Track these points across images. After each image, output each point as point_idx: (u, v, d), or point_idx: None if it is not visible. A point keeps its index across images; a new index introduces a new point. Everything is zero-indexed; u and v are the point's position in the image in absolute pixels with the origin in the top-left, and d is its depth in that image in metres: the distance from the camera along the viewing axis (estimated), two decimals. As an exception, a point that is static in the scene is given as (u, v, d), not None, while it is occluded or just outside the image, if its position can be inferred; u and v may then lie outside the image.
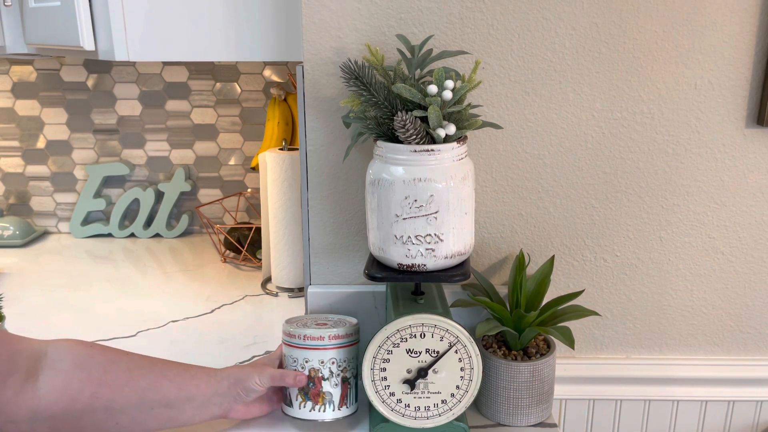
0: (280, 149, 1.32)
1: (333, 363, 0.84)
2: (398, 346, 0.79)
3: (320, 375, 0.84)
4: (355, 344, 0.88)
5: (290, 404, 0.86)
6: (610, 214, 0.96)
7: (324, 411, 0.85)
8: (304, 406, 0.84)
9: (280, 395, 0.88)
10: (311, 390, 0.84)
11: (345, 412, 0.86)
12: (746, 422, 1.04)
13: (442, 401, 0.81)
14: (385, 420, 0.82)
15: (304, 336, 0.84)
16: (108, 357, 0.78)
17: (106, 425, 0.75)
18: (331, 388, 0.84)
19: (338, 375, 0.85)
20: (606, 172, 0.94)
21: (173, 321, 1.20)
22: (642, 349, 1.02)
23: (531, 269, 0.97)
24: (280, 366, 0.88)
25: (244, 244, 1.44)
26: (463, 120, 0.78)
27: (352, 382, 0.87)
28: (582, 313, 0.90)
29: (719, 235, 0.97)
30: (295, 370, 0.85)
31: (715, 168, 0.94)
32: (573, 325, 0.94)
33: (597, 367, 1.01)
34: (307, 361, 0.84)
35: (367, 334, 0.88)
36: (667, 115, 0.92)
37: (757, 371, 1.02)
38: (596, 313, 0.90)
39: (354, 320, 0.90)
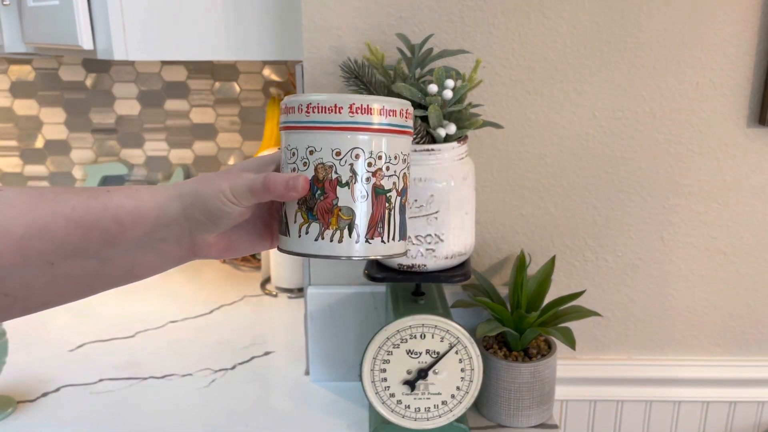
0: (279, 149, 1.31)
1: (358, 157, 0.49)
2: (398, 347, 0.79)
3: (333, 177, 0.49)
4: (407, 133, 0.52)
5: (285, 231, 0.52)
6: (611, 213, 0.95)
7: (340, 241, 0.50)
8: (306, 232, 0.50)
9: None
10: (319, 203, 0.50)
11: (380, 248, 0.51)
12: (748, 423, 1.03)
13: (443, 402, 0.80)
14: (386, 421, 0.81)
15: (308, 105, 0.49)
16: None
17: None
18: (353, 201, 0.49)
19: (367, 180, 0.50)
20: (607, 172, 0.94)
21: (172, 321, 1.19)
22: (643, 349, 1.02)
23: (532, 269, 0.96)
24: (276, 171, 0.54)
25: (243, 244, 1.43)
26: (463, 119, 0.78)
27: (394, 201, 0.51)
28: (583, 313, 0.89)
29: (721, 235, 0.96)
30: (294, 170, 0.50)
31: (717, 168, 0.94)
32: (574, 325, 0.94)
33: (598, 368, 1.01)
34: (311, 152, 0.49)
35: (367, 335, 0.88)
36: (669, 115, 0.91)
37: (759, 372, 1.01)
38: (597, 314, 0.89)
39: (405, 101, 0.53)
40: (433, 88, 0.74)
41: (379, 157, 0.50)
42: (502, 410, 0.88)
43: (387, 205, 0.51)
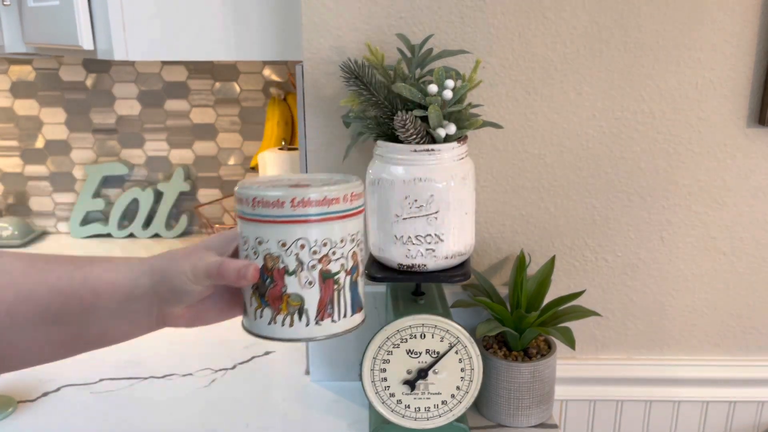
0: (279, 149, 1.31)
1: (303, 247, 0.52)
2: (398, 346, 0.79)
3: (281, 266, 0.53)
4: (354, 215, 0.55)
5: (245, 311, 0.57)
6: (611, 213, 0.95)
7: (291, 325, 0.53)
8: (261, 316, 0.54)
9: None
10: (269, 290, 0.53)
11: (330, 327, 0.54)
12: (747, 423, 1.03)
13: (443, 402, 0.80)
14: (386, 421, 0.81)
15: (254, 199, 0.52)
16: None
17: None
18: (301, 288, 0.53)
19: (313, 267, 0.53)
20: (607, 172, 0.94)
21: (172, 321, 1.19)
22: (643, 349, 1.02)
23: (532, 269, 0.96)
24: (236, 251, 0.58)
25: (243, 244, 1.43)
26: (463, 119, 0.78)
27: (343, 281, 0.54)
28: (583, 313, 0.89)
29: (721, 235, 0.97)
30: (247, 257, 0.54)
31: (716, 168, 0.94)
32: (574, 325, 0.94)
33: (598, 368, 1.01)
34: (260, 243, 0.53)
35: (367, 335, 0.88)
36: (669, 115, 0.92)
37: (759, 372, 1.02)
38: (597, 314, 0.89)
39: (354, 179, 0.57)
40: (433, 88, 0.74)
41: (324, 244, 0.53)
42: (502, 410, 0.88)
43: (335, 286, 0.54)
